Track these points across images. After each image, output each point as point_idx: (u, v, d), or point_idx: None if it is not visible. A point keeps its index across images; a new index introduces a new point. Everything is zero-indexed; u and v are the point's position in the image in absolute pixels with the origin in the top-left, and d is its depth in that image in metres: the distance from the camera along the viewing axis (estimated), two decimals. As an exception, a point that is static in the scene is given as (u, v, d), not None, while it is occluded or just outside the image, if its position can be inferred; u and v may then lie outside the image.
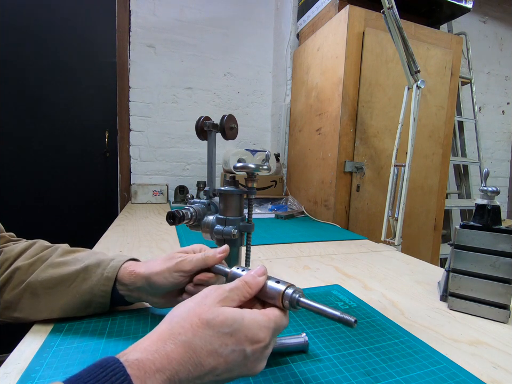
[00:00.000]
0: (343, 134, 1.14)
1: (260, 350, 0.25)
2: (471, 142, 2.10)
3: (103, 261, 0.40)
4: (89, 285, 0.38)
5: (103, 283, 0.38)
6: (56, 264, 0.39)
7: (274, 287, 0.28)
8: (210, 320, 0.24)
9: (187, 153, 1.72)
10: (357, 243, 0.88)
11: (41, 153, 1.50)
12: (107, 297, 0.38)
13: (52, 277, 0.38)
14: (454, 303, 0.47)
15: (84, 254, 0.42)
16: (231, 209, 0.49)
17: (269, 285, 0.29)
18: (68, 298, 0.38)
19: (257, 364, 0.25)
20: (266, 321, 0.26)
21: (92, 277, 0.38)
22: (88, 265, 0.39)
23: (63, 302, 0.38)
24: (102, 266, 0.39)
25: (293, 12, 1.56)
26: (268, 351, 0.26)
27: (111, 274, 0.38)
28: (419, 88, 0.85)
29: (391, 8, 0.80)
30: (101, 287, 0.38)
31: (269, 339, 0.25)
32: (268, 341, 0.25)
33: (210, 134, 0.59)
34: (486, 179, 0.46)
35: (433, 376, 0.31)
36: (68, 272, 0.38)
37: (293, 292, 0.28)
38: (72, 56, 1.51)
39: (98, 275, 0.38)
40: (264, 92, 1.84)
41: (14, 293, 0.38)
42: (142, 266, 0.39)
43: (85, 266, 0.39)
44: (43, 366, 0.30)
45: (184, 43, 1.65)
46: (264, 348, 0.25)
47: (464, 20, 2.02)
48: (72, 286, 0.38)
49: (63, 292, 0.38)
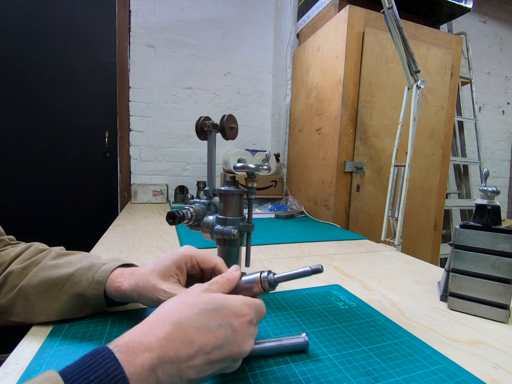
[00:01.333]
0: (343, 134, 1.14)
1: (246, 324, 0.26)
2: (471, 142, 2.10)
3: (95, 265, 0.39)
4: (81, 288, 0.37)
5: (94, 287, 0.37)
6: (48, 267, 0.39)
7: (250, 277, 0.32)
8: (195, 302, 0.26)
9: (187, 153, 1.72)
10: (357, 243, 0.88)
11: (41, 153, 1.50)
12: (100, 299, 0.38)
13: (43, 281, 0.38)
14: (454, 303, 0.47)
15: (76, 257, 0.42)
16: (231, 209, 0.49)
17: (243, 279, 0.33)
18: (61, 301, 0.37)
19: (245, 340, 0.26)
20: (248, 299, 0.28)
21: (82, 280, 0.38)
22: (80, 268, 0.39)
23: (58, 306, 0.37)
24: (93, 270, 0.39)
25: (293, 12, 1.56)
26: (254, 329, 0.28)
27: (102, 278, 0.38)
28: (419, 88, 0.85)
29: (391, 8, 0.80)
30: (92, 290, 0.37)
31: (253, 314, 0.27)
32: (252, 316, 0.27)
33: (210, 134, 0.59)
34: (486, 179, 0.46)
35: (433, 376, 0.31)
36: (58, 275, 0.38)
37: (267, 273, 0.32)
38: (72, 56, 1.51)
39: (90, 278, 0.38)
40: (264, 92, 1.84)
41: (8, 297, 0.37)
42: (129, 279, 0.37)
43: (76, 270, 0.39)
44: (43, 366, 0.30)
45: (184, 43, 1.65)
46: (249, 322, 0.27)
47: (464, 20, 2.02)
48: (63, 290, 0.38)
49: (56, 295, 0.37)
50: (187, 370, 0.23)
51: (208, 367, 0.24)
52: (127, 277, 0.38)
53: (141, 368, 0.21)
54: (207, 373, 0.24)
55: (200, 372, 0.24)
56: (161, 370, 0.22)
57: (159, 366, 0.22)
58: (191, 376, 0.23)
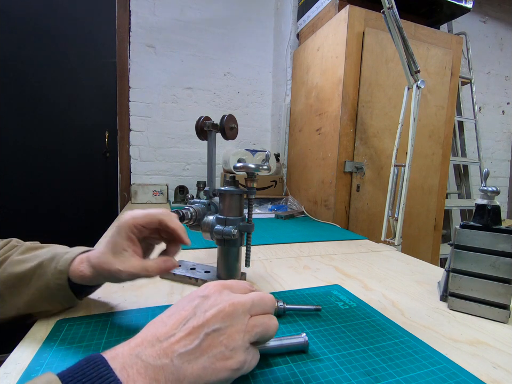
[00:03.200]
0: (343, 134, 1.14)
1: (218, 289, 0.27)
2: (471, 142, 2.10)
3: (57, 255, 0.39)
4: (45, 281, 0.37)
5: (57, 277, 0.37)
6: (15, 263, 0.39)
7: None
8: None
9: (187, 153, 1.72)
10: (357, 243, 0.88)
11: (41, 153, 1.50)
12: (65, 290, 0.38)
13: (11, 276, 0.38)
14: (454, 303, 0.47)
15: (44, 250, 0.41)
16: (231, 209, 0.49)
17: None
18: (29, 295, 0.37)
19: (223, 300, 0.26)
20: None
21: (46, 272, 0.37)
22: (43, 261, 0.38)
23: (26, 299, 0.37)
24: (55, 260, 0.38)
25: (293, 12, 1.56)
26: (231, 294, 0.27)
27: (64, 268, 0.37)
28: (419, 88, 0.85)
29: (391, 8, 0.80)
30: (55, 280, 0.37)
31: (232, 286, 0.28)
32: (226, 285, 0.28)
33: (210, 134, 0.59)
34: (486, 179, 0.46)
35: (433, 376, 0.31)
36: (24, 269, 0.38)
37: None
38: (72, 56, 1.51)
39: (52, 269, 0.37)
40: (264, 92, 1.84)
41: None
42: (88, 266, 0.37)
43: (40, 262, 0.38)
44: (43, 366, 0.30)
45: (184, 43, 1.65)
46: (222, 286, 0.27)
47: (464, 20, 2.02)
48: (31, 284, 0.37)
49: (24, 290, 0.37)
50: (171, 346, 0.22)
51: (193, 337, 0.23)
52: (86, 263, 0.37)
53: (121, 354, 0.22)
54: (196, 344, 0.23)
55: (188, 344, 0.23)
56: (144, 354, 0.22)
57: (141, 351, 0.22)
58: (180, 350, 0.22)
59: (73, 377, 0.20)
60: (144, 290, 0.49)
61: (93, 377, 0.20)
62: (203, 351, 0.23)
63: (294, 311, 0.44)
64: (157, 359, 0.22)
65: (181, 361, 0.22)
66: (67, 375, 0.20)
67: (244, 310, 0.25)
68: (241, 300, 0.26)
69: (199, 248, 0.75)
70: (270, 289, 0.52)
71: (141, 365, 0.21)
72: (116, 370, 0.20)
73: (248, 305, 0.26)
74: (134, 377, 0.21)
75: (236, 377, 0.24)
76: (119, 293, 0.48)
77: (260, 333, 0.26)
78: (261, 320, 0.26)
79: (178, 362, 0.22)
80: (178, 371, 0.22)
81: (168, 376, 0.21)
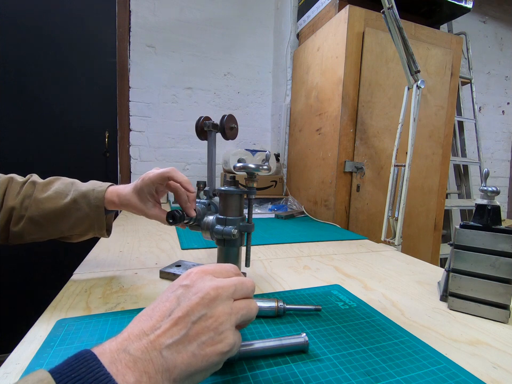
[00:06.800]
0: (343, 134, 1.14)
1: (200, 275, 0.27)
2: (471, 142, 2.10)
3: (88, 191, 0.51)
4: (85, 212, 0.49)
5: (95, 210, 0.50)
6: (44, 200, 0.48)
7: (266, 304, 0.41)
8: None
9: (187, 153, 1.72)
10: (357, 243, 0.88)
11: (41, 153, 1.50)
12: (101, 221, 0.51)
13: (48, 212, 0.48)
14: (454, 303, 0.47)
15: (59, 185, 0.52)
16: (231, 209, 0.49)
17: (260, 305, 0.40)
18: (70, 223, 0.49)
19: (205, 285, 0.26)
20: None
21: (83, 207, 0.49)
22: (76, 198, 0.50)
23: (68, 225, 0.50)
24: (88, 197, 0.50)
25: (293, 11, 1.56)
26: (214, 280, 0.27)
27: (100, 202, 0.50)
28: (419, 88, 0.85)
29: (391, 8, 0.80)
30: (94, 214, 0.50)
31: (209, 270, 0.28)
32: (206, 269, 0.28)
33: (210, 134, 0.59)
34: (486, 179, 0.46)
35: (433, 376, 0.31)
36: (59, 205, 0.48)
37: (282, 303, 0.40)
38: (72, 56, 1.51)
39: (90, 203, 0.50)
40: (264, 92, 1.84)
41: (20, 226, 0.48)
42: (119, 198, 0.50)
43: (74, 199, 0.49)
44: (43, 366, 0.30)
45: (184, 43, 1.65)
46: (203, 272, 0.27)
47: (464, 20, 2.02)
48: (71, 215, 0.49)
49: (66, 219, 0.49)
50: (158, 339, 0.22)
51: (180, 328, 0.23)
52: (116, 197, 0.51)
53: (109, 350, 0.22)
54: (183, 333, 0.23)
55: (175, 334, 0.23)
56: (132, 348, 0.22)
57: (128, 345, 0.22)
58: (167, 342, 0.22)
59: (61, 374, 0.19)
60: (144, 290, 0.49)
61: (83, 372, 0.20)
62: (191, 339, 0.23)
63: (294, 311, 0.43)
64: (146, 353, 0.22)
65: (170, 352, 0.22)
66: (56, 372, 0.20)
67: (227, 295, 0.26)
68: (224, 284, 0.26)
69: (199, 248, 0.75)
70: (270, 289, 0.52)
71: (129, 359, 0.21)
72: (104, 365, 0.20)
73: (231, 290, 0.26)
74: (123, 371, 0.21)
75: (225, 359, 0.25)
76: (119, 293, 0.48)
77: (245, 315, 0.27)
78: (244, 303, 0.27)
79: (167, 354, 0.22)
80: (167, 362, 0.22)
81: (158, 368, 0.22)
